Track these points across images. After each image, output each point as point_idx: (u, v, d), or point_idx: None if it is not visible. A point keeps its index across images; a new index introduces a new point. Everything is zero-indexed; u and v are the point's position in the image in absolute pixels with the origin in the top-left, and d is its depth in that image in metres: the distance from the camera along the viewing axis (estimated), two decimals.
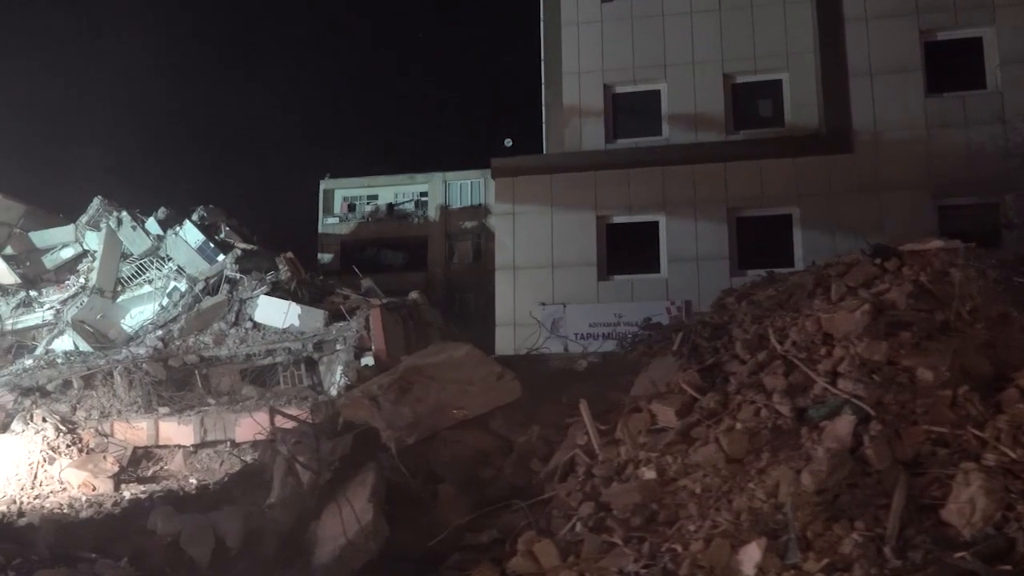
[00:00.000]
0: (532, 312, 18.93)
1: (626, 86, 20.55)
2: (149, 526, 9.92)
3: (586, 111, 20.54)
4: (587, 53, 20.67)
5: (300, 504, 9.35)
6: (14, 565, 7.84)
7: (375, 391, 9.99)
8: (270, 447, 9.81)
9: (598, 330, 18.64)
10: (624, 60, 20.45)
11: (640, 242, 19.04)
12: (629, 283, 18.95)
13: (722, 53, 19.95)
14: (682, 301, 18.48)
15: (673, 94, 20.13)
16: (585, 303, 18.92)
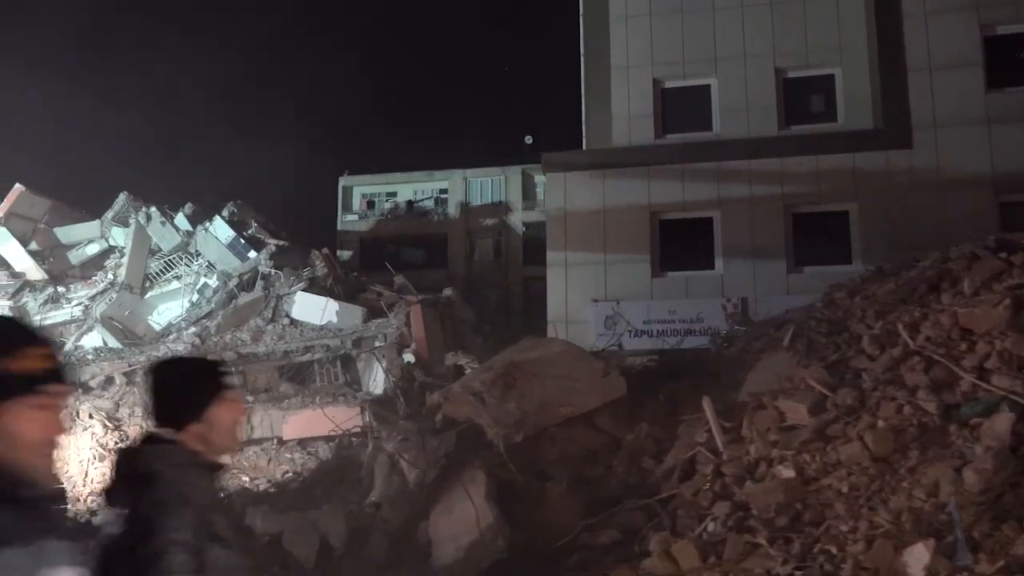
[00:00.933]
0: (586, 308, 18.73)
1: (676, 81, 20.32)
2: (246, 525, 9.66)
3: (635, 106, 20.31)
4: (636, 48, 20.45)
5: (408, 503, 9.11)
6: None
7: (477, 387, 9.76)
8: (374, 444, 9.56)
9: (652, 327, 18.44)
10: (674, 55, 20.23)
11: (694, 238, 18.83)
12: (683, 280, 18.73)
13: (774, 47, 19.74)
14: (738, 298, 18.28)
15: (724, 89, 19.91)
16: (638, 300, 18.69)
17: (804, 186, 18.41)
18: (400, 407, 19.77)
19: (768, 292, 18.14)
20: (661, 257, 18.91)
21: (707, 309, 18.35)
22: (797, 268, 18.30)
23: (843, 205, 18.31)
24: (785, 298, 18.01)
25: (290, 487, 12.17)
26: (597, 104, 22.52)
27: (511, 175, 42.36)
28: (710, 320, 18.29)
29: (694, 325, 18.29)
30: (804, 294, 17.83)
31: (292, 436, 18.96)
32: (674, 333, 18.22)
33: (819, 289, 17.77)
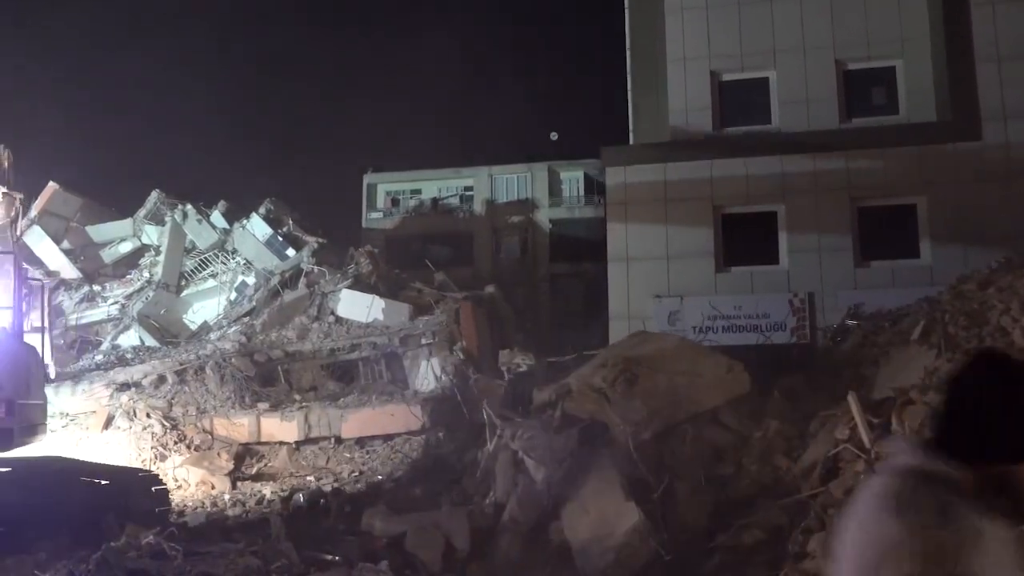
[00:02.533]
0: (648, 303, 18.47)
1: (733, 73, 20.05)
2: (363, 527, 9.40)
3: (692, 99, 20.04)
4: (692, 40, 20.17)
5: (536, 503, 8.83)
6: (276, 568, 7.33)
7: (599, 384, 9.48)
8: (496, 442, 9.29)
9: (717, 323, 18.17)
10: (731, 47, 19.96)
11: (758, 232, 18.55)
12: (747, 274, 18.45)
13: (833, 39, 19.46)
14: (805, 293, 18.02)
15: (783, 81, 19.63)
16: (702, 295, 18.42)
17: (870, 179, 18.14)
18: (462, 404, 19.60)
19: (835, 287, 17.89)
20: (724, 252, 18.63)
21: (773, 305, 18.09)
22: (864, 262, 18.02)
23: (910, 198, 18.03)
24: (853, 293, 17.82)
25: (383, 487, 11.89)
26: (644, 98, 22.26)
27: (537, 172, 42.14)
28: (776, 316, 18.04)
29: (760, 321, 18.04)
30: (873, 289, 17.69)
31: (350, 435, 18.70)
32: (739, 329, 17.97)
33: (887, 283, 17.65)
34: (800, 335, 17.82)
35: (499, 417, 9.35)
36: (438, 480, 11.47)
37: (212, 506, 13.36)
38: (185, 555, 7.39)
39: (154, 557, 7.44)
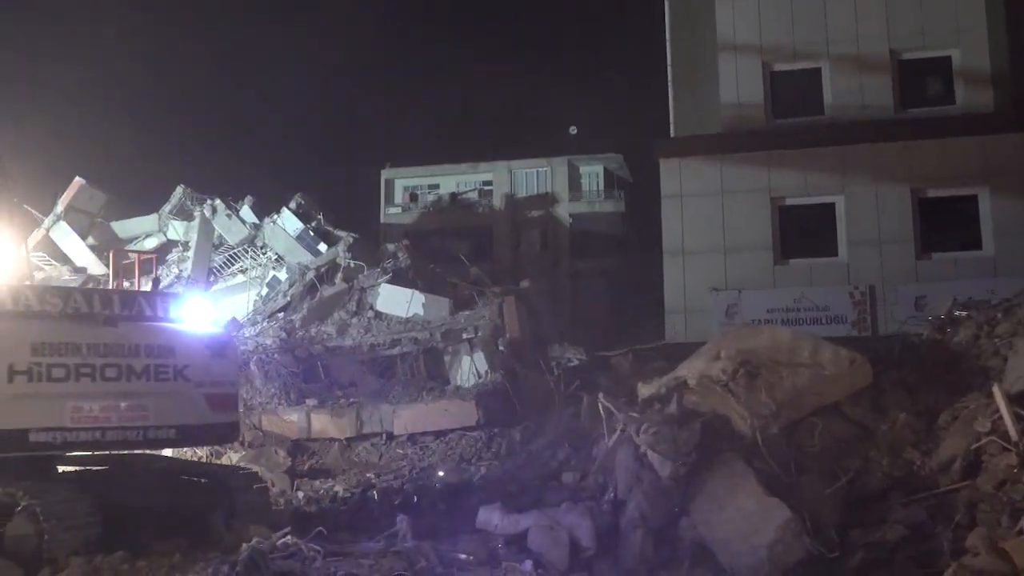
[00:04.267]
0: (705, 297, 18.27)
1: (785, 64, 19.82)
2: (479, 524, 9.14)
3: (743, 90, 19.80)
4: (743, 31, 19.93)
5: (665, 499, 8.59)
6: (418, 569, 7.06)
7: (720, 377, 9.24)
8: (618, 437, 9.03)
9: (776, 316, 17.94)
10: (783, 37, 19.72)
11: (817, 225, 18.37)
12: (806, 267, 18.26)
13: (888, 29, 19.24)
14: (866, 286, 17.83)
15: (836, 72, 19.40)
16: (760, 288, 18.21)
17: (931, 170, 17.96)
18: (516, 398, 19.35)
19: (896, 280, 17.72)
20: (782, 244, 18.42)
21: (832, 297, 17.90)
22: (925, 254, 17.85)
23: (972, 189, 17.86)
24: (915, 286, 17.65)
25: (473, 483, 11.64)
26: (685, 89, 22.06)
27: (557, 166, 41.86)
28: (836, 309, 17.85)
29: (820, 314, 17.85)
30: (935, 281, 17.51)
31: (402, 431, 18.43)
32: (799, 322, 17.74)
33: (950, 275, 17.45)
34: (861, 328, 17.63)
35: (617, 410, 9.09)
36: (530, 476, 11.20)
37: (286, 503, 13.09)
38: (325, 555, 7.14)
39: (287, 558, 7.18)
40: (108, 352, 8.20)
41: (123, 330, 8.52)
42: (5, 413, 7.57)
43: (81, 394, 8.02)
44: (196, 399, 8.84)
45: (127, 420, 8.32)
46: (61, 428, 7.97)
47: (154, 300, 8.99)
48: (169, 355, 8.63)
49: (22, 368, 7.68)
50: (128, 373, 8.31)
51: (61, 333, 8.02)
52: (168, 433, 8.76)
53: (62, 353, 7.91)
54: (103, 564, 7.40)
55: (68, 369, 7.92)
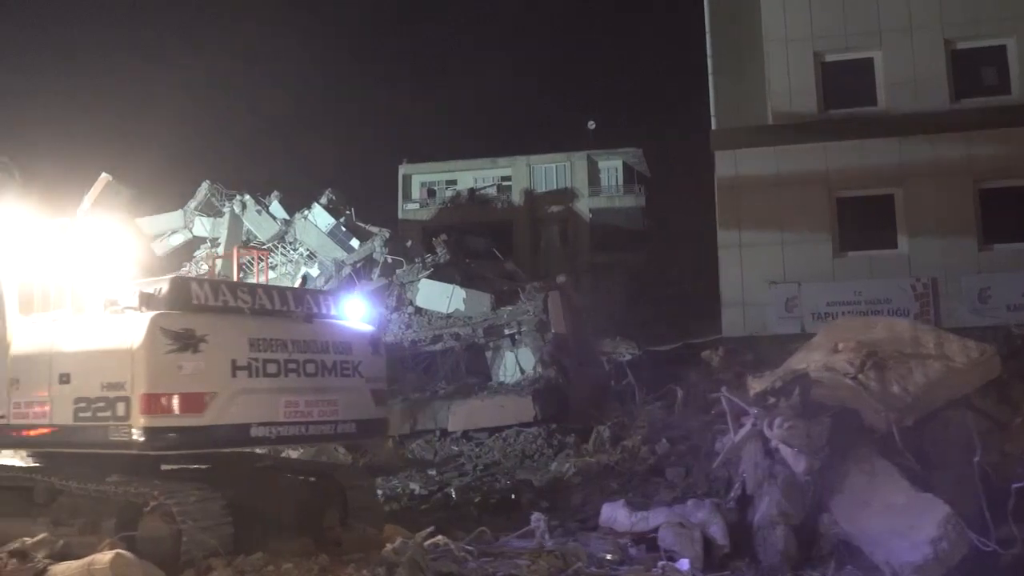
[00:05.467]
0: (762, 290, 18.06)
1: (837, 54, 19.59)
2: (603, 521, 8.90)
3: (794, 81, 19.58)
4: (794, 20, 19.69)
5: (801, 495, 8.36)
6: (576, 569, 6.82)
7: (847, 369, 9.02)
8: (748, 432, 8.80)
9: (836, 309, 17.74)
10: (835, 27, 19.49)
11: (876, 216, 18.16)
12: (866, 260, 18.06)
13: (941, 17, 19.03)
14: (928, 278, 17.64)
15: (889, 61, 19.17)
16: (819, 281, 18.00)
17: (992, 160, 17.77)
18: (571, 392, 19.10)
19: (958, 271, 17.53)
20: (841, 237, 18.22)
21: (894, 290, 17.71)
22: (987, 246, 17.67)
23: None
24: (977, 277, 17.49)
25: (572, 481, 11.38)
26: (726, 80, 21.87)
27: (576, 161, 41.66)
28: (898, 301, 17.66)
29: (882, 307, 17.65)
30: (997, 273, 17.35)
31: (457, 427, 18.16)
32: (860, 315, 17.54)
33: (1014, 266, 17.29)
34: (924, 321, 17.43)
35: (754, 405, 8.86)
36: (628, 472, 10.97)
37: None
38: (478, 555, 6.89)
39: (436, 559, 6.92)
40: (307, 348, 8.15)
41: (316, 327, 8.46)
42: (230, 408, 7.40)
43: (290, 389, 7.94)
44: (366, 394, 8.77)
45: (324, 415, 8.27)
46: (275, 423, 7.87)
47: (329, 298, 8.91)
48: (348, 351, 8.59)
49: (243, 364, 7.54)
50: (322, 369, 8.23)
51: (271, 329, 7.94)
52: (350, 427, 8.70)
53: (274, 349, 7.83)
54: (245, 566, 7.13)
55: (279, 364, 7.84)
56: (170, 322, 7.21)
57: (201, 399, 7.26)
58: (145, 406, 7.09)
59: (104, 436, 7.31)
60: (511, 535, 8.16)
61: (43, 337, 7.83)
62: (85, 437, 7.48)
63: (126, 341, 7.18)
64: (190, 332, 7.22)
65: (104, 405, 7.27)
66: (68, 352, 7.58)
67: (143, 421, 7.11)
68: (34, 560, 7.20)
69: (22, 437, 7.90)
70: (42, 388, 7.66)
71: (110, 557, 6.71)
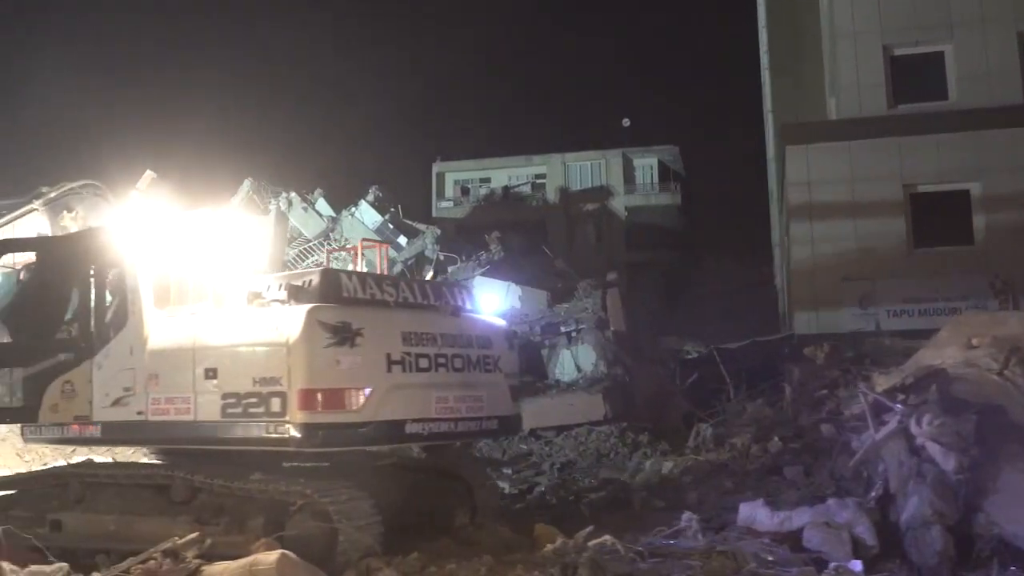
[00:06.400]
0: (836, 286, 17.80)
1: (907, 48, 19.34)
2: (741, 522, 8.64)
3: (863, 75, 19.32)
4: (862, 14, 19.44)
5: (952, 494, 8.08)
6: (749, 570, 6.59)
7: (990, 365, 8.75)
8: (897, 429, 8.54)
9: (912, 306, 17.49)
10: (904, 20, 19.26)
11: (951, 212, 17.90)
12: (941, 256, 17.79)
13: (1014, 10, 18.78)
14: (1008, 274, 17.31)
15: (960, 55, 18.95)
16: (894, 278, 17.73)
17: None
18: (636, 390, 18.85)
19: None
20: (915, 232, 17.95)
21: (971, 286, 17.40)
22: None
23: None
24: None
25: (682, 480, 11.13)
26: (782, 76, 21.60)
27: (611, 159, 41.41)
28: (976, 297, 17.35)
29: (959, 303, 17.36)
30: None
31: (525, 426, 17.91)
32: (937, 312, 17.27)
33: None
34: None
35: (890, 402, 8.60)
36: (739, 470, 10.71)
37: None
38: (648, 555, 6.67)
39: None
40: (454, 342, 7.91)
41: (460, 321, 8.24)
42: (385, 404, 7.18)
43: (440, 384, 7.70)
44: (505, 390, 8.54)
45: (471, 411, 8.03)
46: (428, 419, 7.62)
47: (465, 291, 8.68)
48: (489, 346, 8.34)
49: (397, 358, 7.30)
50: (467, 364, 7.99)
51: (421, 323, 7.69)
52: (493, 424, 8.50)
53: (424, 343, 7.58)
54: (405, 567, 6.91)
55: (430, 359, 7.59)
56: (327, 315, 6.99)
57: (359, 395, 7.03)
58: (302, 402, 6.86)
59: (256, 432, 7.09)
60: (654, 535, 7.92)
61: (184, 331, 7.61)
62: (234, 433, 7.26)
63: (281, 335, 6.96)
64: (346, 325, 6.99)
65: (256, 401, 7.04)
66: (214, 346, 7.35)
67: (300, 417, 6.88)
68: (185, 560, 6.98)
69: (162, 434, 7.68)
70: (185, 383, 7.43)
71: (275, 558, 6.48)
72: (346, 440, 7.22)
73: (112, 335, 8.02)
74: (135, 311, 7.87)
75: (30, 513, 8.13)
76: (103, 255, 8.15)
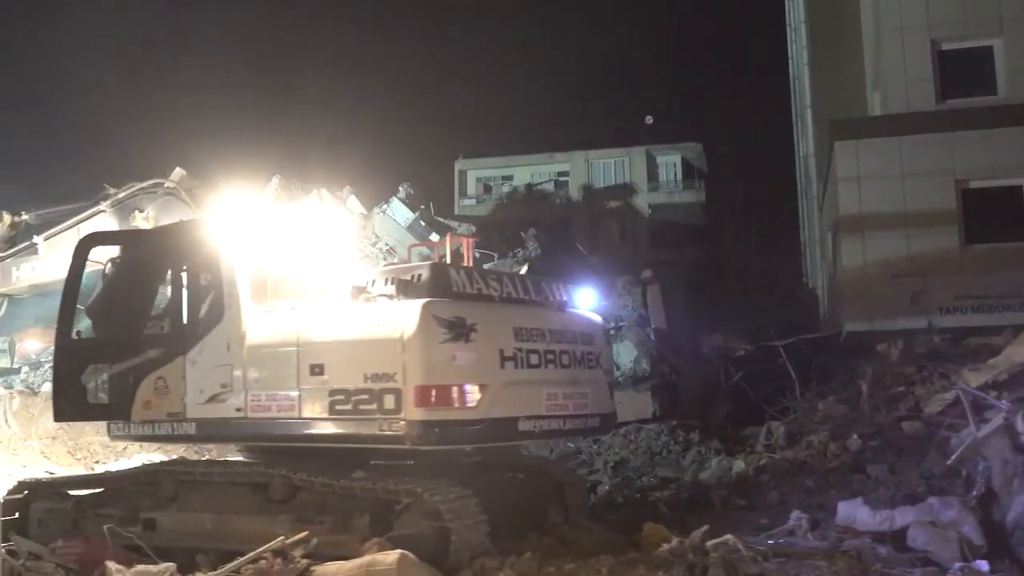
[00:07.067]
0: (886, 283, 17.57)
1: (955, 42, 19.09)
2: (840, 521, 8.49)
3: (910, 70, 19.09)
4: (910, 8, 19.19)
5: None
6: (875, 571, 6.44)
7: None
8: (1002, 426, 8.38)
9: (966, 303, 17.26)
10: (953, 14, 19.00)
11: (1004, 207, 17.63)
12: (994, 252, 17.52)
13: None
14: None
15: (1010, 49, 18.67)
16: (946, 274, 17.49)
17: None
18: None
19: None
20: (967, 228, 17.71)
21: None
22: None
23: None
24: None
25: (759, 479, 10.97)
26: (821, 72, 21.39)
27: (635, 156, 41.23)
28: None
29: (1012, 300, 17.13)
30: None
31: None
32: (990, 309, 17.07)
33: None
34: None
35: (1002, 401, 8.44)
36: (821, 468, 10.55)
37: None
38: (767, 556, 6.52)
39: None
40: (561, 338, 7.81)
41: (564, 316, 8.15)
42: (499, 401, 7.06)
43: (549, 380, 7.61)
44: (605, 387, 8.46)
45: (577, 408, 7.93)
46: (539, 416, 7.53)
47: (564, 287, 8.53)
48: (591, 342, 8.25)
49: (509, 354, 7.20)
50: (573, 360, 7.87)
51: (530, 318, 7.62)
52: (596, 422, 8.42)
53: (534, 339, 7.48)
54: (521, 567, 6.77)
55: (539, 355, 7.49)
56: (441, 310, 6.85)
57: (474, 391, 6.90)
58: (418, 398, 6.72)
59: (368, 430, 6.95)
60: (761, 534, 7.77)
61: (286, 326, 7.47)
62: (342, 430, 7.12)
63: (395, 330, 6.82)
64: (461, 320, 6.86)
65: (368, 398, 6.90)
66: (320, 342, 7.21)
67: (416, 414, 6.75)
68: (294, 560, 6.84)
69: (263, 431, 7.54)
70: (288, 380, 7.30)
71: (394, 558, 6.35)
72: (461, 438, 7.10)
73: (206, 331, 7.89)
74: (232, 306, 7.74)
75: (122, 512, 8.02)
76: (196, 250, 8.02)
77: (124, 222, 10.51)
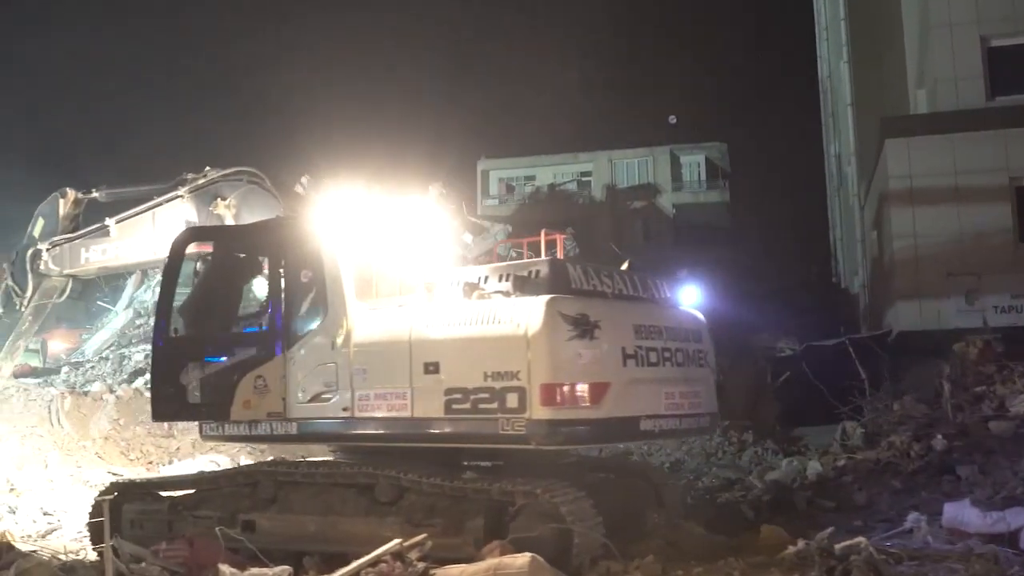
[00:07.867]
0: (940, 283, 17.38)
1: (1005, 38, 18.92)
2: (946, 523, 8.31)
3: (959, 67, 18.91)
4: (959, 4, 19.02)
5: None
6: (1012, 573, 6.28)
7: None
8: None
9: (1021, 301, 17.08)
10: (1002, 10, 18.83)
11: None
12: None
13: None
14: None
15: None
16: (1000, 273, 17.31)
17: None
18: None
19: None
20: (1022, 226, 17.53)
21: None
22: None
23: None
24: None
25: (842, 480, 10.81)
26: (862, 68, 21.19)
27: (659, 155, 41.06)
28: None
29: None
30: None
31: None
32: None
33: None
34: None
35: None
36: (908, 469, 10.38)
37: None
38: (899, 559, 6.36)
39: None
40: (675, 336, 7.67)
41: (676, 314, 8.05)
42: (622, 399, 6.89)
43: (667, 379, 7.47)
44: (712, 385, 8.32)
45: (692, 407, 7.80)
46: (659, 415, 7.37)
47: (669, 284, 8.39)
48: (700, 340, 8.10)
49: (631, 351, 7.04)
50: (686, 358, 7.75)
51: (647, 316, 7.50)
52: (704, 421, 8.26)
53: (653, 336, 7.34)
54: (644, 569, 6.62)
55: (658, 353, 7.35)
56: (566, 306, 6.70)
57: (600, 390, 6.75)
58: (545, 397, 6.56)
59: (489, 429, 6.80)
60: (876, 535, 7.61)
61: (396, 324, 7.31)
62: (459, 430, 6.97)
63: (518, 327, 6.66)
64: (584, 317, 6.70)
65: (488, 396, 6.74)
66: (433, 339, 7.05)
67: (542, 413, 6.59)
68: (412, 563, 6.70)
69: (373, 431, 7.39)
70: (400, 379, 7.14)
71: (524, 561, 6.20)
72: (585, 437, 6.97)
73: (308, 329, 7.75)
74: (336, 303, 7.59)
75: (219, 513, 7.86)
76: (297, 245, 7.87)
77: (203, 210, 10.22)
